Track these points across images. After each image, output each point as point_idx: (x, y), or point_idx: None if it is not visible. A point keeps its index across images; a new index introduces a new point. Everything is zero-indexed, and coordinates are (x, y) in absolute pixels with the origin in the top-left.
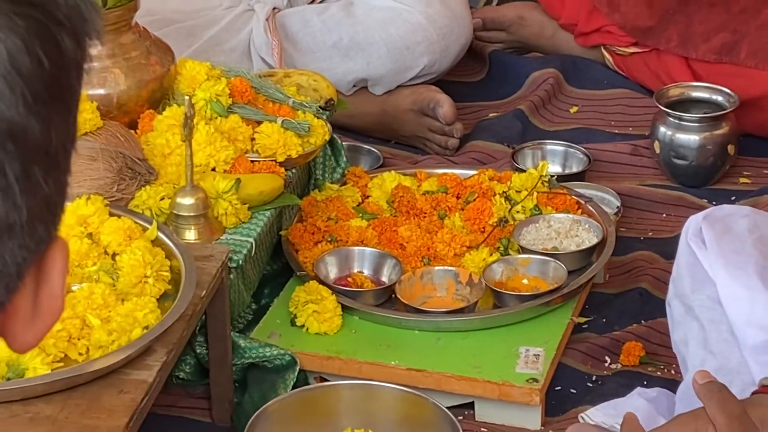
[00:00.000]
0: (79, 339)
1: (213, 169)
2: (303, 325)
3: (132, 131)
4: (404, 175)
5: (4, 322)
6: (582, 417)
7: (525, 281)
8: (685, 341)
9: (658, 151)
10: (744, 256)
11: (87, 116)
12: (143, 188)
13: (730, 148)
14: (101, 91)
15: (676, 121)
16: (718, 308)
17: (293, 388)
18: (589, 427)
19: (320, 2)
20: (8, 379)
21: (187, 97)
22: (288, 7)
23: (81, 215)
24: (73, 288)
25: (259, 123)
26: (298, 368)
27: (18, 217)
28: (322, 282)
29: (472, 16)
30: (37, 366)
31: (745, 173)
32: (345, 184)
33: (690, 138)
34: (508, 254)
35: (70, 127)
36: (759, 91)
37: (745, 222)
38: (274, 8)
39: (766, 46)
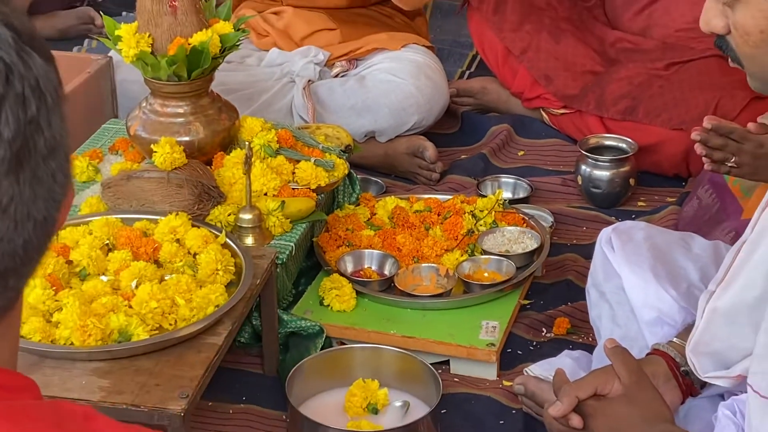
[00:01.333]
0: (169, 314)
1: (265, 194)
2: (328, 305)
3: (208, 167)
4: (401, 198)
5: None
6: (526, 371)
7: (486, 274)
8: (599, 317)
9: (580, 182)
10: (641, 258)
11: (176, 156)
12: (216, 207)
13: (632, 181)
14: (186, 138)
15: (593, 162)
16: (623, 294)
17: (321, 349)
18: (531, 378)
19: (342, 76)
20: (119, 342)
21: (247, 143)
22: (319, 79)
23: (171, 226)
24: (166, 278)
25: (298, 161)
26: (324, 335)
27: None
28: (342, 274)
29: (449, 86)
30: (140, 333)
31: (642, 199)
32: (358, 205)
33: (603, 173)
34: (474, 255)
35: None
36: (652, 140)
37: (642, 233)
38: (309, 80)
39: (656, 109)
